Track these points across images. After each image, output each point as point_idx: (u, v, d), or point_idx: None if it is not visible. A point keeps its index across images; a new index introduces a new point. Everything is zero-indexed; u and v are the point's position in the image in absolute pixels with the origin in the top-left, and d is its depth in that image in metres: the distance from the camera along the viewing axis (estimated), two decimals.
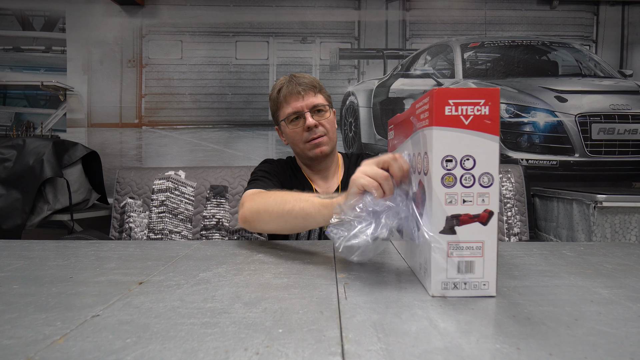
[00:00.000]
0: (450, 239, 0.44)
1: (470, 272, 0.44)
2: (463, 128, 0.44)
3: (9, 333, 0.34)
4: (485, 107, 0.44)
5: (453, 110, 0.44)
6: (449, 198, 0.44)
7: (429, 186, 0.45)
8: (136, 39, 2.36)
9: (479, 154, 0.44)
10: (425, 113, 0.46)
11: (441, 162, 0.44)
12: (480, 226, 0.44)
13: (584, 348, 0.32)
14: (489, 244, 0.44)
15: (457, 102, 0.44)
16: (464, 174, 0.44)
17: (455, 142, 0.44)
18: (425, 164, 0.46)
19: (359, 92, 2.39)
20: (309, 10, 2.36)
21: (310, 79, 1.03)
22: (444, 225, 0.44)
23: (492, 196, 0.44)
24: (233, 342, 0.32)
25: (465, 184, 0.44)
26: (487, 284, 0.44)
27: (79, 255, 0.64)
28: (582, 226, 1.71)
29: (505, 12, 2.36)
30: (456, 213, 0.44)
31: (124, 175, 1.99)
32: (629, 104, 2.29)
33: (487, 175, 0.44)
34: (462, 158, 0.44)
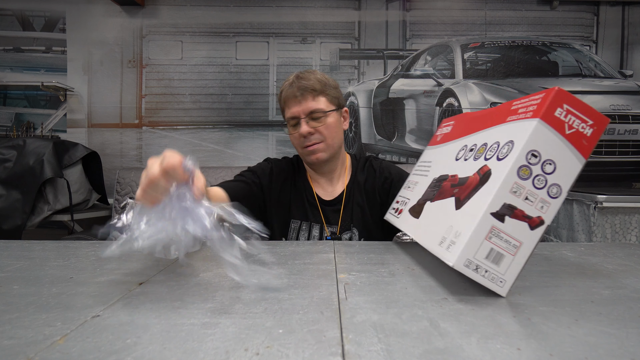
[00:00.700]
0: (495, 224, 0.43)
1: (496, 264, 0.44)
2: (562, 135, 0.44)
3: (9, 333, 0.34)
4: (590, 129, 0.44)
5: (562, 115, 0.44)
6: (515, 188, 0.43)
7: (500, 169, 0.45)
8: (136, 40, 2.37)
9: (562, 166, 0.44)
10: (529, 108, 0.46)
11: (526, 154, 0.43)
12: (527, 228, 0.44)
13: (585, 348, 0.32)
14: (525, 248, 0.44)
15: (569, 109, 0.44)
16: (539, 174, 0.44)
17: (548, 142, 0.44)
18: (505, 151, 0.46)
19: (359, 92, 2.39)
20: (309, 11, 2.36)
21: (313, 80, 0.97)
22: (498, 209, 0.43)
23: (552, 207, 0.44)
24: (233, 343, 0.32)
25: (537, 185, 0.44)
26: (504, 283, 0.44)
27: (79, 255, 0.64)
28: (583, 226, 1.71)
29: (505, 13, 2.36)
30: (514, 205, 0.43)
31: (124, 176, 1.99)
32: (629, 104, 2.29)
33: (558, 187, 0.44)
34: (546, 160, 0.44)
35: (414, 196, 0.70)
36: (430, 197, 0.61)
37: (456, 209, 0.50)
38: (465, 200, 0.49)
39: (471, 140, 0.60)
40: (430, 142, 0.81)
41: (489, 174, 0.47)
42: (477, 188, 0.47)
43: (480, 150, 0.54)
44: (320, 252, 0.67)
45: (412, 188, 0.73)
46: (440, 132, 0.79)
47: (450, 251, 0.45)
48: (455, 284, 0.49)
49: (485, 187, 0.46)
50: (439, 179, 0.62)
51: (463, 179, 0.53)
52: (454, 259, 0.43)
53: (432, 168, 0.70)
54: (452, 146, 0.67)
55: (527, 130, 0.44)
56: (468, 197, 0.48)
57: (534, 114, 0.45)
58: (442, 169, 0.64)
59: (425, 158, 0.78)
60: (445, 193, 0.56)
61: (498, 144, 0.49)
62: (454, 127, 0.73)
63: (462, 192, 0.51)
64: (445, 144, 0.71)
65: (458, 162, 0.60)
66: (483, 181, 0.47)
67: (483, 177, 0.48)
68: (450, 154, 0.65)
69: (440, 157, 0.70)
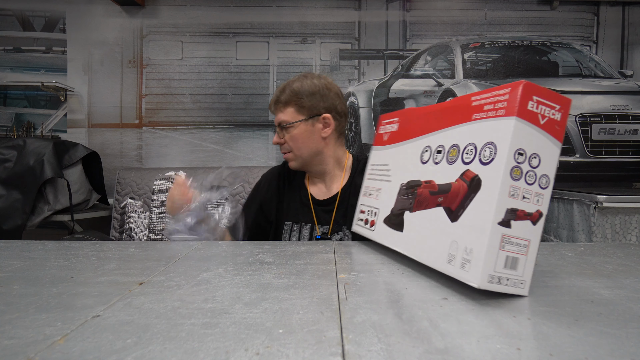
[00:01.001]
0: (505, 232, 0.43)
1: (514, 269, 0.44)
2: (538, 126, 0.44)
3: (9, 333, 0.34)
4: (559, 113, 0.45)
5: (534, 107, 0.44)
6: (513, 191, 0.43)
7: (493, 175, 0.44)
8: (136, 40, 2.37)
9: (545, 156, 0.44)
10: (498, 104, 0.46)
11: (514, 154, 0.43)
12: (530, 225, 0.44)
13: (585, 348, 0.32)
14: (534, 244, 0.44)
15: (539, 100, 0.44)
16: (529, 170, 0.44)
17: (529, 137, 0.44)
18: (488, 154, 0.45)
19: (360, 92, 2.39)
20: (310, 11, 2.36)
21: (287, 90, 0.99)
22: (503, 217, 0.43)
23: (545, 198, 0.45)
24: (233, 343, 0.32)
25: (529, 181, 0.44)
26: (524, 284, 0.44)
27: (80, 255, 0.64)
28: (583, 226, 1.71)
29: (505, 13, 2.36)
30: (515, 207, 0.43)
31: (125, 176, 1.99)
32: (629, 104, 2.29)
33: (546, 177, 0.44)
34: (531, 155, 0.44)
35: (383, 205, 0.66)
36: (407, 207, 0.59)
37: (452, 221, 0.48)
38: (459, 211, 0.48)
39: (433, 141, 0.57)
40: (376, 141, 0.77)
41: (478, 181, 0.46)
42: (470, 196, 0.47)
43: (452, 152, 0.52)
44: (320, 252, 0.67)
45: (376, 195, 0.70)
46: (385, 131, 0.74)
47: (468, 270, 0.44)
48: (455, 284, 0.49)
49: (480, 195, 0.45)
50: (409, 186, 0.60)
51: (443, 185, 0.52)
52: (478, 280, 0.42)
53: (392, 172, 0.67)
54: (410, 147, 0.64)
55: (506, 130, 0.44)
56: (461, 207, 0.47)
57: (507, 111, 0.44)
58: (407, 173, 0.62)
59: (377, 160, 0.74)
60: (426, 202, 0.55)
61: (475, 146, 0.48)
62: (401, 124, 0.69)
63: (450, 202, 0.50)
64: (399, 144, 0.68)
65: (426, 165, 0.58)
66: (474, 189, 0.46)
67: (471, 184, 0.47)
68: (411, 156, 0.62)
69: (399, 159, 0.66)
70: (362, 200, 0.76)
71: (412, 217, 0.57)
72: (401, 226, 0.59)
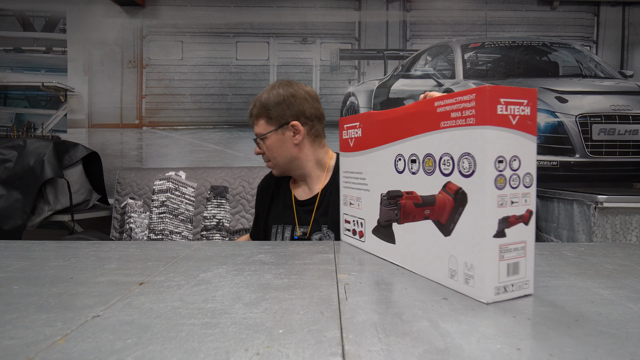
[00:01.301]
0: (501, 242, 0.43)
1: (517, 274, 0.44)
2: (511, 128, 0.43)
3: (9, 333, 0.34)
4: (527, 107, 0.44)
5: (504, 109, 0.43)
6: (501, 200, 0.43)
7: (477, 189, 0.44)
8: (137, 40, 2.37)
9: (524, 154, 0.44)
10: (465, 112, 0.44)
11: (494, 163, 0.42)
12: (523, 226, 0.44)
13: (585, 349, 0.32)
14: (530, 242, 0.45)
15: (507, 101, 0.43)
16: (512, 174, 0.43)
17: (505, 142, 0.43)
18: (467, 165, 0.45)
19: (360, 92, 2.39)
20: (310, 11, 2.36)
21: (257, 105, 1.04)
22: (496, 229, 0.43)
23: (532, 196, 0.45)
24: (233, 343, 0.32)
25: (513, 185, 0.43)
26: (528, 283, 0.45)
27: (80, 255, 0.64)
28: (583, 227, 1.71)
29: (505, 13, 2.36)
30: (506, 215, 0.43)
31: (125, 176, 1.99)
32: (629, 104, 2.29)
33: (529, 175, 0.44)
34: (511, 158, 0.43)
35: (367, 215, 0.66)
36: (393, 218, 0.58)
37: (445, 235, 0.48)
38: (450, 225, 0.47)
39: (404, 149, 0.56)
40: (342, 147, 0.74)
41: (462, 194, 0.46)
42: (458, 210, 0.46)
43: (427, 162, 0.51)
44: (320, 252, 0.67)
45: (357, 205, 0.69)
46: (349, 136, 0.72)
47: (473, 286, 0.44)
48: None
49: (468, 209, 0.45)
50: (389, 196, 0.59)
51: (427, 197, 0.51)
52: (486, 296, 0.43)
53: (369, 181, 0.65)
54: (381, 155, 0.62)
55: (482, 140, 0.43)
56: (451, 220, 0.47)
57: (477, 120, 0.43)
58: (384, 182, 0.61)
59: (349, 167, 0.72)
60: (413, 214, 0.54)
61: (451, 157, 0.47)
62: (365, 130, 0.67)
63: (438, 215, 0.49)
64: (367, 151, 0.66)
65: (403, 175, 0.56)
66: (460, 202, 0.46)
67: (456, 197, 0.46)
68: (384, 165, 0.61)
69: (372, 167, 0.64)
70: (344, 209, 0.75)
71: (402, 229, 0.57)
72: (392, 238, 0.59)
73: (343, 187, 0.75)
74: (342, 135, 0.75)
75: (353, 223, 0.71)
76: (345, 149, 0.74)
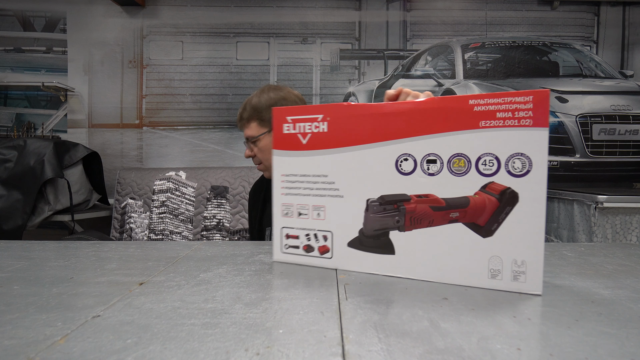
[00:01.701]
0: None
1: None
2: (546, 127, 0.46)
3: (9, 334, 0.34)
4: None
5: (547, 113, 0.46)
6: None
7: (533, 188, 0.45)
8: (137, 40, 2.37)
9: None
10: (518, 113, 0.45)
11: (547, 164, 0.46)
12: None
13: (585, 349, 0.32)
14: None
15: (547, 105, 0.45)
16: None
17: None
18: (519, 166, 0.45)
19: (360, 92, 2.39)
20: (310, 11, 2.36)
21: (248, 107, 1.06)
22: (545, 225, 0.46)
23: None
24: (234, 343, 0.32)
25: None
26: None
27: (80, 255, 0.64)
28: (583, 227, 1.71)
29: (506, 13, 2.36)
30: None
31: (125, 176, 1.99)
32: (629, 104, 2.28)
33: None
34: None
35: (337, 226, 0.56)
36: (392, 226, 0.52)
37: (483, 236, 0.47)
38: (492, 226, 0.47)
39: (416, 148, 0.51)
40: (281, 144, 0.60)
41: (512, 194, 0.46)
42: (505, 210, 0.46)
43: (457, 163, 0.49)
44: None
45: (317, 214, 0.57)
46: (299, 131, 0.59)
47: (525, 281, 0.46)
48: (455, 284, 0.49)
49: (521, 208, 0.45)
50: (386, 201, 0.53)
51: (455, 200, 0.49)
52: (539, 288, 0.45)
53: (341, 185, 0.56)
54: (370, 154, 0.54)
55: (540, 141, 0.44)
56: (494, 221, 0.46)
57: (535, 122, 0.44)
58: (372, 186, 0.53)
59: (299, 170, 0.59)
60: (429, 219, 0.50)
61: (495, 157, 0.46)
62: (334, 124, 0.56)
63: (473, 217, 0.48)
64: (341, 149, 0.55)
65: (412, 177, 0.51)
66: (508, 202, 0.46)
67: (502, 197, 0.46)
68: (376, 166, 0.53)
69: (347, 169, 0.55)
70: (281, 221, 0.60)
71: (408, 236, 0.52)
72: (390, 248, 0.53)
73: (282, 195, 0.60)
74: (280, 129, 0.60)
75: (306, 238, 0.58)
76: (288, 147, 0.59)
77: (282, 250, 0.60)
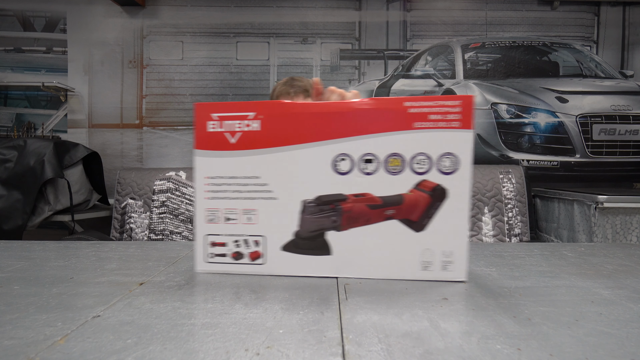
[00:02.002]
0: None
1: None
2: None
3: (9, 334, 0.34)
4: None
5: None
6: None
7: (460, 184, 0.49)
8: (137, 40, 2.37)
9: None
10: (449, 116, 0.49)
11: None
12: None
13: (585, 349, 0.32)
14: None
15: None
16: None
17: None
18: (448, 164, 0.49)
19: (360, 92, 2.39)
20: (310, 11, 2.36)
21: (305, 82, 1.10)
22: None
23: None
24: (234, 343, 0.32)
25: None
26: None
27: (80, 256, 0.64)
28: (583, 227, 1.71)
29: (506, 13, 2.36)
30: None
31: (125, 176, 1.99)
32: (630, 104, 2.28)
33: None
34: None
35: (271, 229, 0.53)
36: (328, 226, 0.52)
37: (416, 230, 0.50)
38: (424, 221, 0.50)
39: (353, 148, 0.51)
40: (204, 143, 0.54)
41: (442, 190, 0.49)
42: (435, 205, 0.50)
43: (393, 162, 0.50)
44: None
45: (247, 219, 0.54)
46: (226, 129, 0.54)
47: (453, 270, 0.50)
48: (455, 285, 0.49)
49: (450, 203, 0.49)
50: (322, 202, 0.52)
51: (390, 197, 0.50)
52: (464, 274, 0.50)
53: (275, 187, 0.53)
54: (306, 154, 0.52)
55: (466, 141, 0.49)
56: (426, 216, 0.50)
57: (463, 124, 0.49)
58: (308, 186, 0.52)
59: (227, 172, 0.54)
60: (366, 217, 0.51)
61: (428, 156, 0.50)
62: (268, 123, 0.53)
63: (407, 213, 0.50)
64: (274, 149, 0.53)
65: (349, 176, 0.51)
66: (438, 198, 0.49)
67: (434, 194, 0.49)
68: (311, 166, 0.52)
69: (282, 169, 0.53)
70: (205, 228, 0.55)
71: (344, 236, 0.52)
72: (326, 249, 0.52)
73: (206, 199, 0.55)
74: (203, 127, 0.54)
75: (235, 244, 0.54)
76: (213, 146, 0.54)
77: (205, 260, 0.55)
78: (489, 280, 0.51)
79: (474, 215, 1.73)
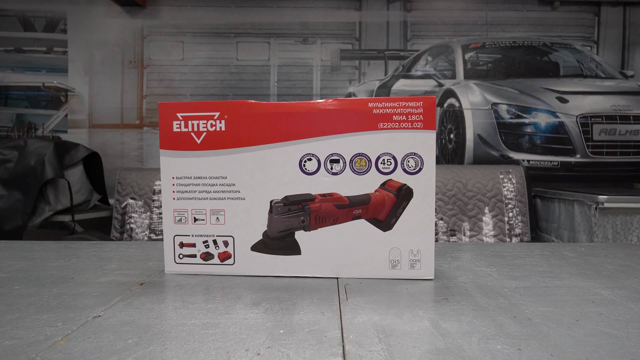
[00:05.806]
0: None
1: None
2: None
3: (10, 334, 0.34)
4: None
5: None
6: None
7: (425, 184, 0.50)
8: (137, 40, 2.37)
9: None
10: (411, 117, 0.50)
11: None
12: None
13: (585, 349, 0.32)
14: None
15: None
16: None
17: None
18: (413, 164, 0.50)
19: (360, 93, 2.39)
20: (310, 11, 2.36)
21: None
22: None
23: None
24: (234, 343, 0.32)
25: None
26: None
27: (80, 256, 0.65)
28: (584, 227, 1.71)
29: (506, 13, 2.36)
30: None
31: (125, 176, 1.99)
32: (630, 104, 2.28)
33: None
34: None
35: (238, 230, 0.53)
36: (297, 226, 0.52)
37: (384, 230, 0.51)
38: (391, 220, 0.51)
39: (319, 148, 0.51)
40: (170, 143, 0.53)
41: (407, 189, 0.50)
42: (401, 205, 0.50)
43: (359, 162, 0.50)
44: None
45: (216, 219, 0.53)
46: (191, 129, 0.53)
47: (420, 269, 0.51)
48: (455, 285, 0.49)
49: (415, 202, 0.50)
50: (290, 202, 0.51)
51: (357, 197, 0.51)
52: (432, 273, 0.51)
53: (242, 187, 0.52)
54: (272, 154, 0.52)
55: (429, 142, 0.50)
56: (393, 216, 0.50)
57: (425, 125, 0.50)
58: (276, 186, 0.52)
59: (194, 172, 0.53)
60: (333, 217, 0.51)
61: (393, 156, 0.50)
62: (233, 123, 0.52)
63: (374, 213, 0.51)
64: (241, 150, 0.52)
65: (316, 176, 0.51)
66: (404, 197, 0.50)
67: (400, 194, 0.50)
68: (278, 166, 0.52)
69: (249, 170, 0.52)
70: (173, 229, 0.54)
71: (313, 235, 0.52)
72: (295, 249, 0.52)
73: (174, 200, 0.54)
74: (169, 127, 0.54)
75: (204, 245, 0.54)
76: (180, 147, 0.54)
77: (175, 261, 0.55)
78: (489, 280, 0.51)
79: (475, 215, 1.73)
